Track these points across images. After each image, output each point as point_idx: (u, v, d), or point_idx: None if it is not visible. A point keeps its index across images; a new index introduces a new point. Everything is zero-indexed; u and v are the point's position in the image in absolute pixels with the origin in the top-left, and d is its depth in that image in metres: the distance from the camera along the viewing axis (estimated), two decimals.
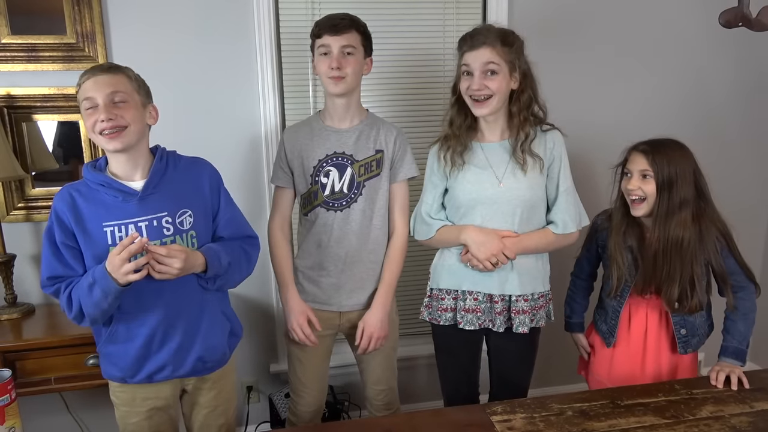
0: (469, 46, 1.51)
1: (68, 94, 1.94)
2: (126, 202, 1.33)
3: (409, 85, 2.20)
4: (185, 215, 1.38)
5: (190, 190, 1.41)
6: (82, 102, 1.31)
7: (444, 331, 1.68)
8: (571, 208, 1.59)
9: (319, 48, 1.61)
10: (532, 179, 1.55)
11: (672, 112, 2.39)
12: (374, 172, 1.67)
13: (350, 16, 1.62)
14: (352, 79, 1.60)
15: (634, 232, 1.61)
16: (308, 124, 1.73)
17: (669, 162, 1.53)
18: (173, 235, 1.35)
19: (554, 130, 1.60)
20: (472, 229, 1.56)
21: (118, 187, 1.33)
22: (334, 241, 1.67)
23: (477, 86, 1.49)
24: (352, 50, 1.59)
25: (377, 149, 1.68)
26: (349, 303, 1.71)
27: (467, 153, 1.59)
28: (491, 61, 1.48)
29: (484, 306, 1.61)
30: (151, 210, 1.34)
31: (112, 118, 1.28)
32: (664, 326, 1.65)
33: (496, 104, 1.52)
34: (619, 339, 1.69)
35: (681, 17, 2.31)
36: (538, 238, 1.58)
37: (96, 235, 1.31)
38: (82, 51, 1.93)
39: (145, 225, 1.33)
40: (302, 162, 1.68)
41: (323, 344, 1.75)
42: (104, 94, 1.29)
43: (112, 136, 1.29)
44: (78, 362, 1.77)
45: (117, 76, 1.32)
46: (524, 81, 1.53)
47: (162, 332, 1.37)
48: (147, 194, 1.34)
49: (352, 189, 1.66)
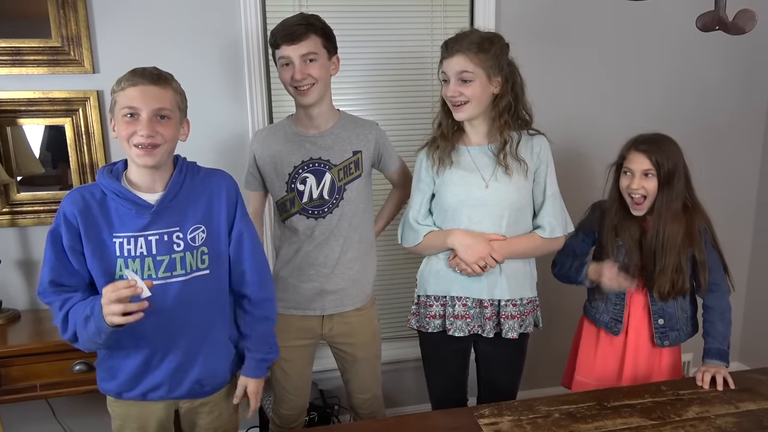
0: (446, 54, 1.52)
1: (53, 98, 1.92)
2: (139, 215, 1.28)
3: (396, 88, 2.20)
4: (198, 231, 1.33)
5: (205, 204, 1.35)
6: (122, 109, 1.24)
7: (432, 338, 1.66)
8: (558, 213, 1.59)
9: (279, 59, 1.56)
10: (517, 182, 1.55)
11: (660, 110, 2.40)
12: (354, 174, 1.65)
13: (306, 18, 1.54)
14: (319, 86, 1.55)
15: (629, 228, 1.62)
16: (280, 129, 1.68)
17: (668, 159, 1.56)
18: (183, 251, 1.30)
19: (540, 135, 1.60)
20: (458, 232, 1.55)
21: (132, 198, 1.28)
22: (316, 248, 1.64)
23: (451, 92, 1.51)
24: (314, 56, 1.53)
25: (354, 150, 1.65)
26: (333, 306, 1.68)
27: (455, 154, 1.59)
28: (464, 69, 1.49)
29: (473, 312, 1.60)
30: (163, 224, 1.29)
31: (152, 135, 1.23)
32: (645, 319, 1.67)
33: (473, 109, 1.53)
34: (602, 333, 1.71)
35: (667, 16, 2.32)
36: (526, 242, 1.58)
37: (104, 245, 1.27)
38: (68, 55, 1.91)
39: (155, 239, 1.28)
40: (275, 168, 1.63)
41: (305, 353, 1.74)
42: (151, 109, 1.23)
43: (147, 151, 1.24)
44: (64, 369, 1.76)
45: (166, 91, 1.27)
46: (506, 85, 1.53)
47: (162, 351, 1.33)
48: (161, 208, 1.29)
49: (333, 194, 1.63)
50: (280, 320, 1.55)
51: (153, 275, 1.29)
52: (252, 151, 1.69)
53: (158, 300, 1.25)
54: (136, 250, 1.28)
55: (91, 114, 1.96)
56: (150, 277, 1.28)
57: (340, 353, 1.77)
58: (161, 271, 1.29)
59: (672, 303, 1.63)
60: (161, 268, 1.29)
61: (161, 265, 1.29)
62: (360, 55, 2.13)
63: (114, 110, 1.28)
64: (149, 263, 1.28)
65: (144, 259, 1.28)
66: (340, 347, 1.75)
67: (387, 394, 1.88)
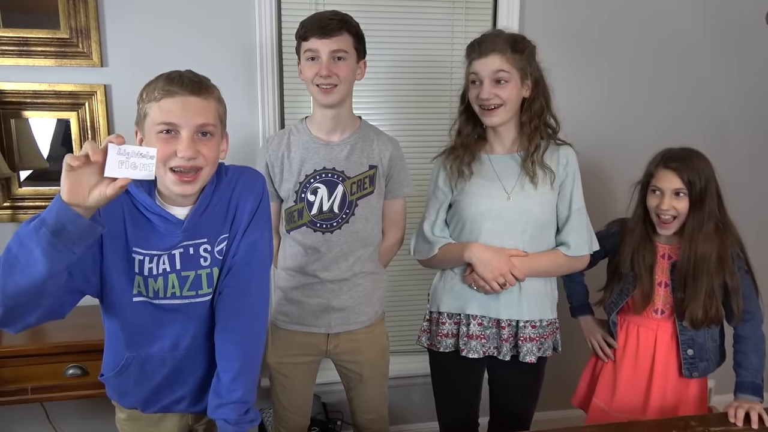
0: (478, 54, 1.42)
1: (60, 91, 1.86)
2: (168, 233, 1.13)
3: (414, 94, 2.11)
4: (225, 243, 1.18)
5: (231, 208, 1.19)
6: (156, 125, 1.05)
7: (444, 358, 1.56)
8: (583, 230, 1.49)
9: (305, 52, 1.45)
10: (542, 194, 1.45)
11: (689, 123, 2.28)
12: (367, 190, 1.54)
13: (340, 14, 1.44)
14: (343, 87, 1.45)
15: (645, 252, 1.53)
16: (293, 133, 1.56)
17: (699, 177, 1.46)
18: (210, 267, 1.16)
19: (568, 146, 1.50)
20: (477, 246, 1.45)
21: (162, 214, 1.12)
22: (322, 265, 1.53)
23: (486, 95, 1.40)
24: (344, 55, 1.43)
25: (371, 164, 1.54)
26: (340, 324, 1.58)
27: (475, 164, 1.49)
28: (501, 69, 1.39)
29: (489, 332, 1.49)
30: (189, 236, 1.14)
31: (194, 157, 1.06)
32: (674, 349, 1.56)
33: (507, 113, 1.43)
34: (625, 361, 1.61)
35: (696, 24, 2.21)
36: (548, 260, 1.48)
37: (124, 257, 1.12)
38: (76, 46, 1.85)
39: (180, 252, 1.14)
40: (285, 176, 1.53)
41: (308, 370, 1.64)
42: (192, 126, 1.06)
43: (187, 180, 1.06)
44: (57, 372, 1.69)
45: (209, 102, 1.09)
46: (536, 89, 1.44)
47: (185, 372, 1.22)
48: (192, 225, 1.14)
49: (344, 208, 1.52)
50: (281, 336, 1.47)
51: (177, 293, 1.16)
52: (265, 159, 1.57)
53: (181, 323, 1.15)
54: (158, 268, 1.14)
55: (98, 109, 1.89)
56: (174, 295, 1.15)
57: (345, 371, 1.67)
58: (186, 289, 1.16)
59: (702, 332, 1.52)
60: (186, 286, 1.16)
61: (186, 281, 1.16)
62: (376, 58, 2.04)
63: (143, 124, 1.08)
64: (173, 280, 1.15)
65: (167, 276, 1.15)
66: (345, 365, 1.65)
67: (392, 410, 1.79)
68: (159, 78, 1.09)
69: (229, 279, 1.19)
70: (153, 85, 1.08)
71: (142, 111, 1.09)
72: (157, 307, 1.16)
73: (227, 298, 1.19)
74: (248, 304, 1.19)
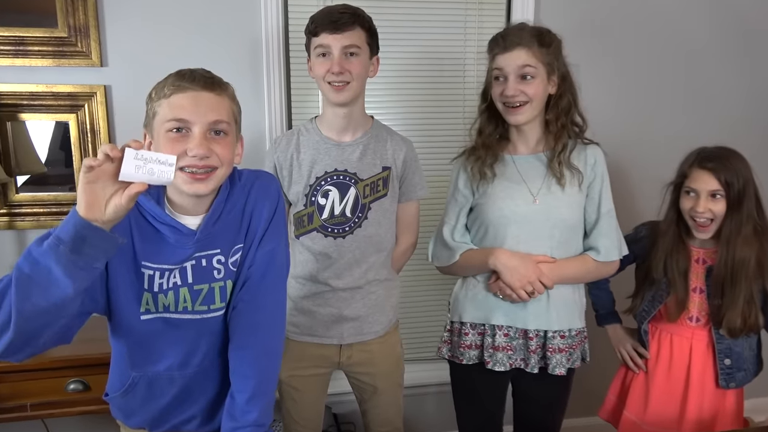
0: (502, 48, 1.34)
1: (58, 92, 1.78)
2: (179, 245, 1.04)
3: (426, 92, 2.03)
4: (238, 253, 1.10)
5: (246, 215, 1.10)
6: (166, 122, 0.97)
7: (467, 371, 1.47)
8: (613, 233, 1.41)
9: (316, 48, 1.38)
10: (570, 196, 1.38)
11: (722, 120, 2.19)
12: (380, 193, 1.46)
13: (352, 8, 1.38)
14: (356, 84, 1.38)
15: (678, 257, 1.45)
16: (303, 134, 1.48)
17: (737, 177, 1.38)
18: (223, 279, 1.08)
19: (595, 145, 1.43)
20: (502, 252, 1.37)
21: (173, 224, 1.03)
22: (334, 272, 1.46)
23: (512, 92, 1.33)
24: (356, 51, 1.36)
25: (384, 166, 1.47)
26: (353, 334, 1.50)
27: (498, 165, 1.41)
28: (527, 64, 1.32)
29: (516, 343, 1.41)
30: (201, 247, 1.06)
31: (207, 155, 0.97)
32: (710, 358, 1.49)
33: (532, 111, 1.36)
34: (657, 371, 1.53)
35: (705, 23, 2.14)
36: (578, 265, 1.40)
37: (132, 272, 1.03)
38: (75, 46, 1.77)
39: (192, 264, 1.05)
40: (294, 179, 1.46)
41: (319, 382, 1.57)
42: (205, 122, 0.98)
43: (200, 178, 0.98)
44: (58, 387, 1.61)
45: (222, 99, 1.01)
46: (563, 84, 1.37)
47: (196, 391, 1.14)
48: (205, 236, 1.05)
49: (356, 212, 1.45)
50: (292, 347, 1.39)
51: (189, 307, 1.07)
52: (273, 160, 1.49)
53: (192, 339, 1.07)
54: (169, 282, 1.05)
55: (98, 110, 1.82)
56: (185, 309, 1.07)
57: (358, 383, 1.59)
58: (198, 304, 1.08)
59: (740, 341, 1.45)
60: (198, 300, 1.08)
61: (198, 295, 1.08)
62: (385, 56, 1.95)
63: (152, 125, 1.00)
64: (184, 294, 1.07)
65: (178, 290, 1.06)
66: (358, 377, 1.57)
67: (406, 421, 1.71)
68: (169, 75, 1.01)
69: (243, 292, 1.11)
70: (163, 83, 1.01)
71: (151, 110, 1.01)
72: (167, 322, 1.07)
73: (242, 313, 1.10)
74: (264, 319, 1.11)
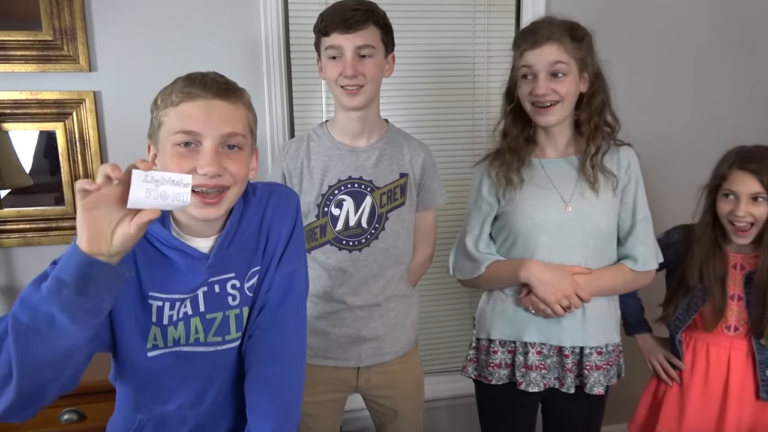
0: (531, 44, 1.25)
1: (43, 99, 1.66)
2: (191, 271, 0.92)
3: (431, 94, 1.94)
4: (255, 277, 0.99)
5: (263, 234, 1.00)
6: (173, 134, 0.86)
7: (496, 391, 1.38)
8: (650, 241, 1.33)
9: (327, 49, 1.29)
10: (605, 202, 1.30)
11: (741, 118, 2.12)
12: (398, 201, 1.37)
13: (365, 3, 1.28)
14: (371, 87, 1.29)
15: (715, 263, 1.38)
16: (313, 139, 1.39)
17: None
18: (239, 306, 0.98)
19: (628, 146, 1.35)
20: (534, 264, 1.29)
21: (183, 249, 0.91)
22: (350, 288, 1.36)
23: (542, 90, 1.24)
24: (371, 51, 1.27)
25: (402, 172, 1.38)
26: (372, 356, 1.40)
27: (525, 170, 1.33)
28: (558, 60, 1.23)
29: (550, 361, 1.33)
30: (215, 272, 0.94)
31: (218, 174, 0.86)
32: (750, 369, 1.42)
33: (564, 111, 1.28)
34: (693, 383, 1.46)
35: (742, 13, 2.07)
36: (614, 276, 1.32)
37: (138, 305, 0.92)
38: (60, 50, 1.65)
39: (203, 291, 0.94)
40: (305, 188, 1.36)
41: (334, 408, 1.47)
42: (217, 135, 0.86)
43: (210, 202, 0.87)
44: (51, 418, 1.50)
45: (237, 109, 0.90)
46: (596, 82, 1.29)
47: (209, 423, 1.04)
48: (218, 260, 0.94)
49: (373, 222, 1.35)
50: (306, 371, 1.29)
51: (201, 338, 0.96)
52: (281, 168, 1.39)
53: (206, 374, 0.97)
54: (179, 314, 0.94)
55: (87, 118, 1.70)
56: (197, 341, 0.96)
57: (377, 407, 1.49)
58: (211, 335, 0.97)
59: None
60: (211, 331, 0.97)
61: (212, 326, 0.97)
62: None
63: (158, 136, 0.89)
64: (196, 324, 0.96)
65: (189, 321, 0.95)
66: (378, 400, 1.47)
67: None
68: (177, 80, 0.90)
69: (261, 319, 1.00)
70: (170, 88, 0.89)
71: (157, 120, 0.89)
72: (177, 357, 0.96)
73: (260, 342, 1.00)
74: (284, 348, 1.01)
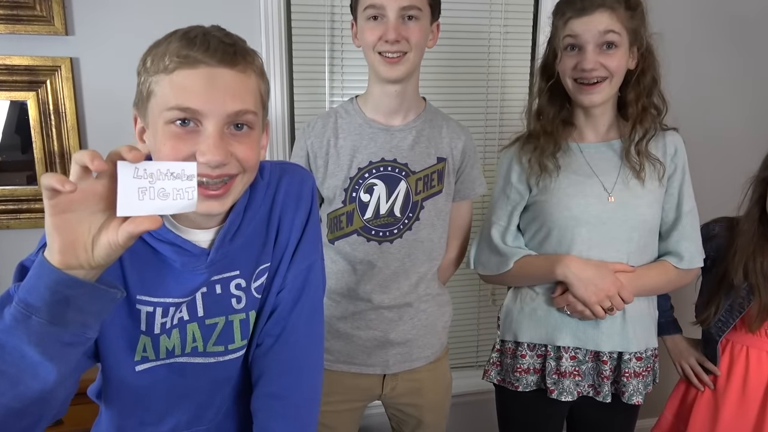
0: (579, 10, 1.10)
1: (13, 65, 1.48)
2: (188, 270, 0.77)
3: (443, 72, 1.78)
4: (264, 275, 0.84)
5: (273, 224, 0.84)
6: (167, 110, 0.68)
7: (523, 399, 1.25)
8: (696, 236, 1.21)
9: (366, 9, 1.13)
10: (651, 192, 1.17)
11: None
12: (435, 189, 1.23)
13: None
14: (414, 56, 1.13)
15: (762, 259, 1.28)
16: (342, 116, 1.24)
17: None
18: (245, 310, 0.83)
19: (675, 131, 1.22)
20: (573, 260, 1.15)
21: (179, 243, 0.75)
22: (378, 285, 1.23)
23: (590, 64, 1.09)
24: (417, 13, 1.12)
25: (440, 157, 1.23)
26: (400, 362, 1.26)
27: (562, 155, 1.19)
28: (610, 29, 1.09)
29: (585, 367, 1.20)
30: (216, 270, 0.79)
31: (223, 162, 0.69)
32: None
33: (611, 89, 1.14)
34: (729, 390, 1.36)
35: None
36: (658, 275, 1.19)
37: (125, 312, 0.76)
38: (32, 9, 1.47)
39: (203, 292, 0.79)
40: (331, 170, 1.22)
41: (353, 417, 1.34)
42: (223, 114, 0.69)
43: (213, 194, 0.71)
44: None
45: (247, 78, 0.72)
46: (648, 58, 1.15)
47: None
48: (221, 256, 0.79)
49: (407, 211, 1.21)
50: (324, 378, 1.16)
51: (200, 348, 0.81)
52: (305, 147, 1.23)
53: (205, 389, 0.83)
54: (173, 320, 0.78)
55: (63, 87, 1.52)
56: (195, 351, 0.80)
57: (400, 415, 1.35)
58: (211, 343, 0.82)
59: None
60: (212, 339, 0.82)
61: (212, 333, 0.82)
62: None
63: (147, 107, 0.72)
64: (193, 331, 0.81)
65: (185, 327, 0.80)
66: (402, 408, 1.34)
67: None
68: (172, 36, 0.70)
69: (271, 326, 0.85)
70: (163, 47, 0.69)
71: (145, 87, 0.71)
72: (171, 370, 0.81)
73: (270, 352, 0.85)
74: (299, 359, 0.86)
